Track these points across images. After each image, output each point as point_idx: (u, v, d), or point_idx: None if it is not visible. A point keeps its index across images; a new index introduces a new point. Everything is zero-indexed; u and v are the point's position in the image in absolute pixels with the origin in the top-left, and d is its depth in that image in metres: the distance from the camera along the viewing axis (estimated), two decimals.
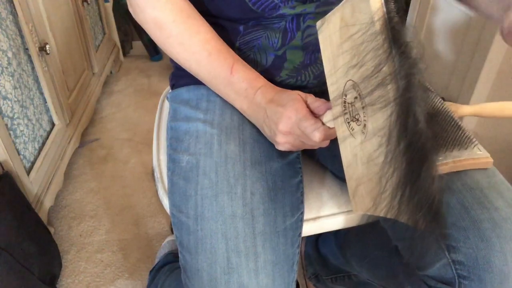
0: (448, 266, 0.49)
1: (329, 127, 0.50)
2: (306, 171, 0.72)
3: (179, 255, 0.57)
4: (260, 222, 0.52)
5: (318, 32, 0.48)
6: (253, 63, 0.61)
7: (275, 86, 0.58)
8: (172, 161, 0.61)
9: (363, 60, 0.39)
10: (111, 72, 2.05)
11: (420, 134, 0.34)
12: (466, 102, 1.10)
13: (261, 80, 0.58)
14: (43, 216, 1.14)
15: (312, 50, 0.60)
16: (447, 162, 0.52)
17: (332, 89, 0.47)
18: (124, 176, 1.47)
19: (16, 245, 0.93)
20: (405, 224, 0.54)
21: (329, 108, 0.50)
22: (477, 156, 0.53)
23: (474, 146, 0.54)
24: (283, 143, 0.54)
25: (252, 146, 0.57)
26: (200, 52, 0.57)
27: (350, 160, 0.47)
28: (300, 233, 0.58)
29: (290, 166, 0.60)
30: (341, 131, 0.47)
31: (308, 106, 0.52)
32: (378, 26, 0.36)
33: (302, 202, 0.60)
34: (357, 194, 0.46)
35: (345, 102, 0.45)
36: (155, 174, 0.71)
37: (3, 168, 0.99)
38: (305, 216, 0.63)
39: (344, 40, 0.42)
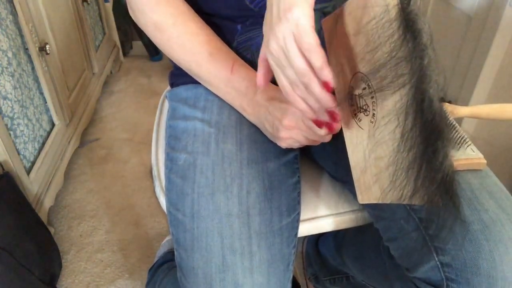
0: (436, 268, 0.49)
1: None
2: (304, 171, 0.72)
3: (175, 252, 0.57)
4: (255, 221, 0.52)
5: (323, 26, 0.49)
6: (251, 63, 0.61)
7: (275, 85, 0.58)
8: (170, 159, 0.61)
9: (375, 48, 0.40)
10: (111, 72, 2.05)
11: (435, 112, 0.36)
12: (466, 102, 1.10)
13: None
14: (43, 216, 1.14)
15: None
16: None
17: (338, 81, 0.48)
18: (124, 176, 1.47)
19: (16, 245, 0.93)
20: (398, 224, 0.54)
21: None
22: (470, 156, 0.53)
23: (468, 146, 0.53)
24: (286, 138, 0.54)
25: (249, 146, 0.57)
26: (200, 53, 0.57)
27: (356, 151, 0.47)
28: (297, 233, 0.58)
29: (287, 166, 0.60)
30: (347, 123, 0.48)
31: None
32: (393, 13, 0.37)
33: (298, 202, 0.60)
34: (364, 184, 0.47)
35: (352, 94, 0.45)
36: (153, 172, 0.72)
37: (3, 168, 0.99)
38: (302, 217, 0.63)
39: (352, 32, 0.43)
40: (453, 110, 0.56)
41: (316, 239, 0.96)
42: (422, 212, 0.51)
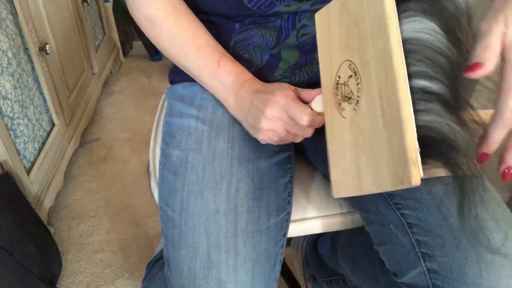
0: (423, 274, 0.49)
1: (317, 113, 0.50)
2: (298, 172, 0.72)
3: (164, 248, 0.58)
4: (242, 220, 0.53)
5: (316, 19, 0.49)
6: (248, 62, 0.61)
7: (259, 80, 0.57)
8: (164, 155, 0.62)
9: (365, 39, 0.40)
10: (111, 72, 2.05)
11: None
12: None
13: (248, 74, 0.58)
14: (43, 216, 1.14)
15: (308, 50, 0.60)
16: (428, 166, 0.52)
17: (325, 73, 0.48)
18: (124, 176, 1.47)
19: (16, 245, 0.93)
20: (388, 229, 0.54)
21: (319, 94, 0.50)
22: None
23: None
24: (266, 129, 0.52)
25: (241, 144, 0.58)
26: (189, 47, 0.58)
27: (337, 142, 0.47)
28: (285, 233, 0.59)
29: (279, 166, 0.60)
30: (330, 114, 0.48)
31: (297, 95, 0.52)
32: (388, 6, 0.37)
33: (289, 202, 0.60)
34: (342, 177, 0.46)
35: (337, 83, 0.46)
36: (150, 168, 0.72)
37: (3, 168, 0.99)
38: (292, 217, 0.63)
39: (344, 24, 0.44)
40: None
41: (315, 239, 0.96)
42: (412, 217, 0.51)
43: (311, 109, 0.50)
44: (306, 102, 0.52)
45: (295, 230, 0.65)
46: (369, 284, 0.68)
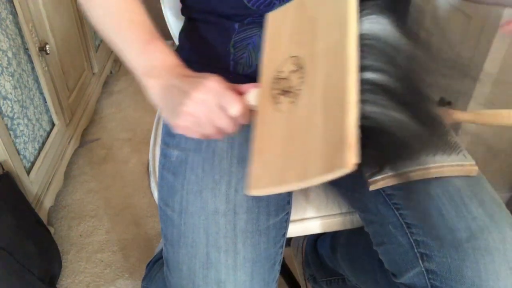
0: (422, 274, 0.49)
1: (250, 107, 0.47)
2: None
3: (163, 248, 0.58)
4: (242, 220, 0.53)
5: (268, 19, 0.50)
6: (248, 62, 0.61)
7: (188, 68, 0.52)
8: (164, 155, 0.62)
9: (319, 33, 0.41)
10: (111, 72, 2.05)
11: None
12: (465, 103, 1.10)
13: (179, 60, 0.52)
14: (43, 216, 1.14)
15: None
16: (429, 167, 0.52)
17: (266, 68, 0.49)
18: (124, 176, 1.47)
19: (16, 245, 0.93)
20: (387, 229, 0.54)
21: (255, 88, 0.48)
22: (461, 162, 0.53)
23: (459, 152, 0.53)
24: (187, 114, 0.45)
25: (241, 144, 0.58)
26: (122, 19, 0.52)
27: (266, 136, 0.45)
28: (285, 233, 0.59)
29: None
30: (264, 107, 0.46)
31: (232, 87, 0.47)
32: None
33: (288, 202, 0.60)
34: (263, 170, 0.44)
35: (278, 77, 0.46)
36: (149, 167, 0.73)
37: (3, 168, 0.99)
38: (292, 217, 0.63)
39: (298, 22, 0.45)
40: (451, 115, 0.56)
41: (315, 239, 0.96)
42: (410, 217, 0.51)
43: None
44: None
45: (295, 230, 0.65)
46: (369, 284, 0.68)
